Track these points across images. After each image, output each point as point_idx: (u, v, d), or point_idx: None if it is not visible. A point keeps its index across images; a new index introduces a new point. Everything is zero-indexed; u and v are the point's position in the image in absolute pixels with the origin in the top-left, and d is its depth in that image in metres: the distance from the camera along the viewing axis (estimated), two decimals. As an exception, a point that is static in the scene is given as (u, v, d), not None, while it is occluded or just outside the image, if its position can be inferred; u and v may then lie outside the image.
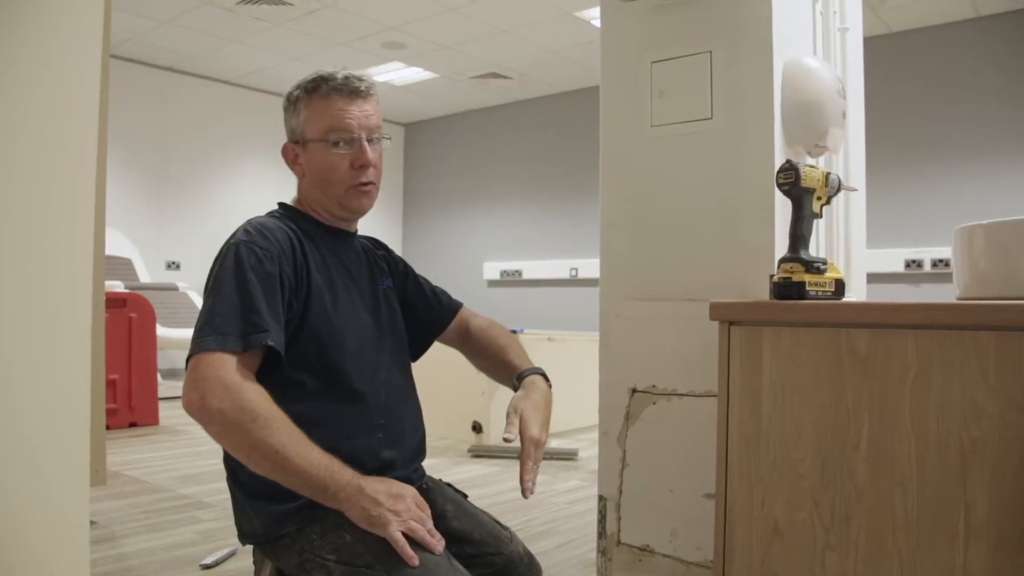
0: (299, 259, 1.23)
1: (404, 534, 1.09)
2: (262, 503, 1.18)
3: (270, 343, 1.12)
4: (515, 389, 1.35)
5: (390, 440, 1.27)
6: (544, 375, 1.36)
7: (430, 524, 1.14)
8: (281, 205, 1.36)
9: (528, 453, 1.22)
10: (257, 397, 1.08)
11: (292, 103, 1.31)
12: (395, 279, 1.44)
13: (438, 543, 1.12)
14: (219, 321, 1.11)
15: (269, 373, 1.15)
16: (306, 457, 1.08)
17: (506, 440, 1.18)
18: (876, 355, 1.17)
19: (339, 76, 1.29)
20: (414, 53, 6.64)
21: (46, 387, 1.13)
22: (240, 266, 1.16)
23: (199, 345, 1.10)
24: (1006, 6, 5.25)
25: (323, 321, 1.22)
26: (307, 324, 1.21)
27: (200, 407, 1.06)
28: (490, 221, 8.31)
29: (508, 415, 1.24)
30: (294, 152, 1.32)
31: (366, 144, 1.28)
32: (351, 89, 1.29)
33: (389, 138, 1.35)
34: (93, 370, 1.26)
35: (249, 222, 1.25)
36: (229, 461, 1.24)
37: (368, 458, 1.21)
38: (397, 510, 1.10)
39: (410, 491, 1.15)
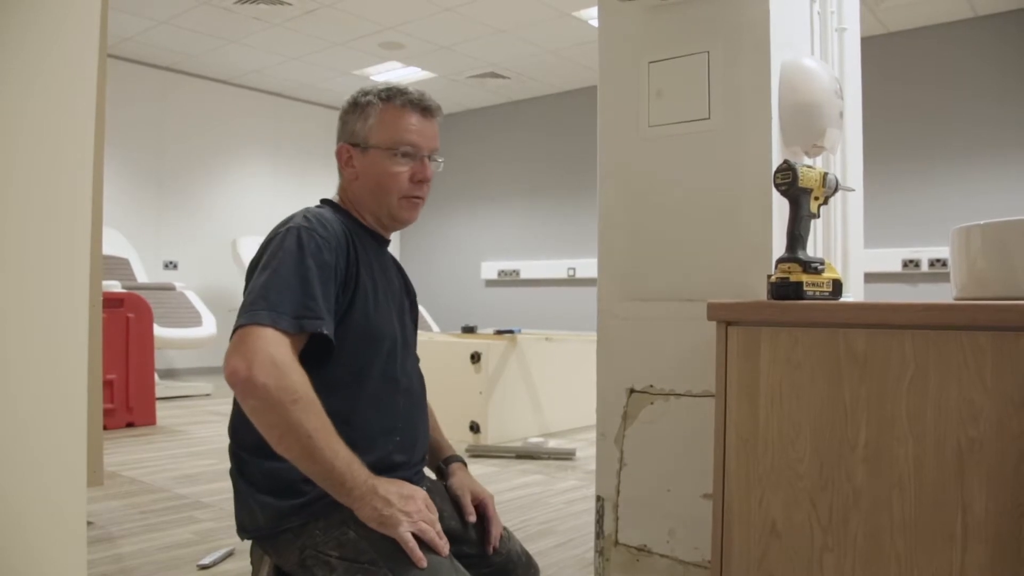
0: (351, 255, 1.24)
1: (413, 535, 1.09)
2: (268, 497, 1.19)
3: (324, 331, 1.13)
4: (439, 467, 1.45)
5: (403, 445, 1.28)
6: (464, 462, 1.47)
7: (439, 526, 1.14)
8: (325, 202, 1.37)
9: (495, 511, 1.37)
10: (302, 380, 1.09)
11: (360, 107, 1.33)
12: (410, 301, 1.47)
13: (445, 545, 1.13)
14: (275, 298, 1.11)
15: (304, 362, 1.14)
16: (333, 449, 1.08)
17: (471, 519, 1.34)
18: (873, 355, 1.17)
19: (414, 92, 1.33)
20: (412, 53, 6.64)
21: (43, 387, 1.13)
22: (301, 250, 1.16)
23: (251, 317, 1.09)
24: (1003, 6, 5.26)
25: (363, 320, 1.24)
26: (349, 320, 1.22)
27: (246, 378, 1.06)
28: (488, 221, 8.31)
29: (460, 496, 1.36)
30: (349, 154, 1.33)
31: (427, 161, 1.32)
32: (424, 107, 1.33)
33: (443, 160, 1.38)
34: (90, 370, 1.26)
35: (308, 210, 1.27)
36: (236, 452, 1.24)
37: (380, 460, 1.21)
38: (408, 511, 1.11)
39: (420, 493, 1.16)
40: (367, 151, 1.31)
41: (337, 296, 1.20)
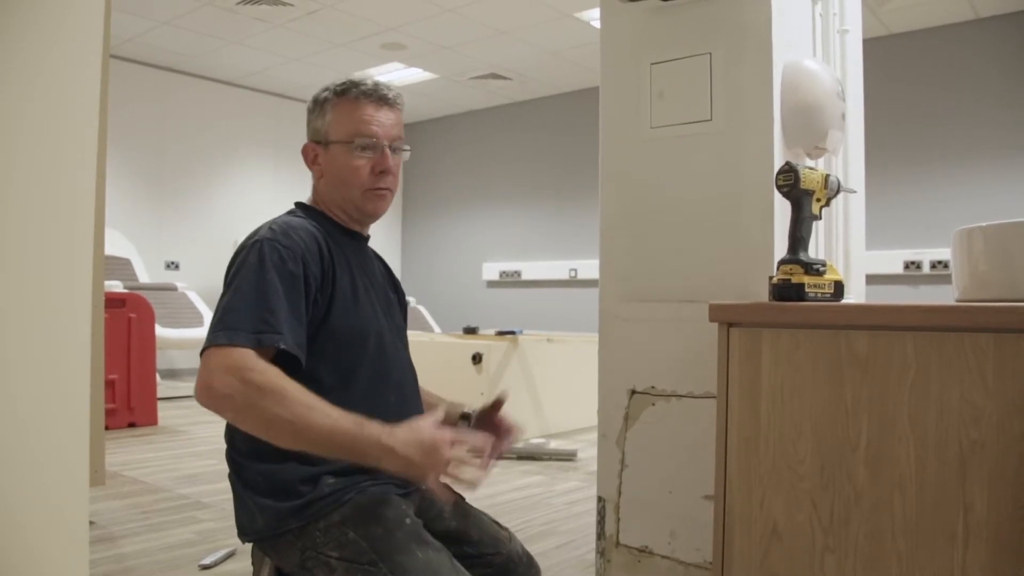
0: (326, 257, 1.23)
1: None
2: (266, 500, 1.18)
3: (282, 346, 1.12)
4: (465, 417, 1.41)
5: None
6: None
7: (466, 456, 1.10)
8: (298, 205, 1.37)
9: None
10: (262, 374, 1.07)
11: (319, 104, 1.33)
12: (397, 295, 1.46)
13: (482, 466, 1.13)
14: (232, 318, 1.11)
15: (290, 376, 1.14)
16: (330, 419, 1.06)
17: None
18: (875, 357, 1.17)
19: (369, 82, 1.31)
20: (414, 54, 6.64)
21: (45, 387, 1.13)
22: (262, 264, 1.16)
23: (210, 340, 1.10)
24: (1005, 8, 5.26)
25: (344, 321, 1.23)
26: (329, 322, 1.21)
27: (209, 396, 1.06)
28: (489, 222, 8.31)
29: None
30: (314, 152, 1.33)
31: (388, 151, 1.30)
32: (379, 96, 1.31)
33: (409, 149, 1.37)
34: (92, 370, 1.26)
35: (274, 221, 1.26)
36: (233, 457, 1.24)
37: None
38: (434, 463, 1.06)
39: (441, 436, 1.08)
40: (328, 147, 1.30)
41: (316, 300, 1.19)
